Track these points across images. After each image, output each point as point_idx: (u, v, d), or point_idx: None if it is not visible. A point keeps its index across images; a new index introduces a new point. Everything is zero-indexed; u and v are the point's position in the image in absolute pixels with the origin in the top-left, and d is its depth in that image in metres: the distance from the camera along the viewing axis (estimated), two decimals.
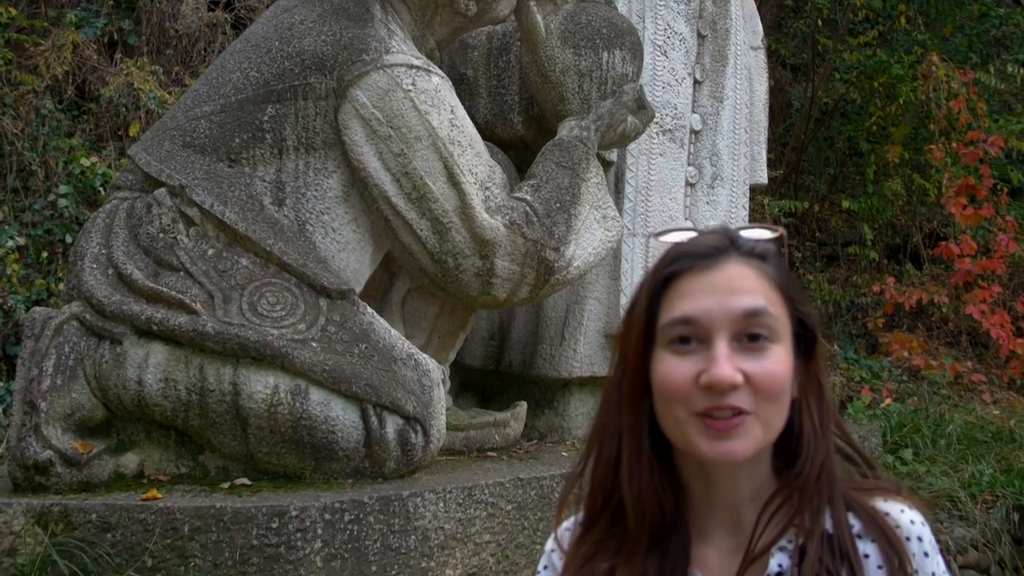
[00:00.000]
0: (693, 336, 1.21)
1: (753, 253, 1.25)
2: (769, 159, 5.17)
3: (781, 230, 1.31)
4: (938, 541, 1.27)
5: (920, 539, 1.24)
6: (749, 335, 1.20)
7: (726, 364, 1.18)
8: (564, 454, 4.11)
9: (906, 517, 1.25)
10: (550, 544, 1.38)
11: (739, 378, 1.18)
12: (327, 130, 3.62)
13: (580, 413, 4.59)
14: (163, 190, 3.57)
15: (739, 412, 1.19)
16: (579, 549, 1.30)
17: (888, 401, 6.32)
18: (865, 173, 8.55)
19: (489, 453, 4.00)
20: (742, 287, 1.22)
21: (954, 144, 7.82)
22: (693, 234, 1.29)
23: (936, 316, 7.74)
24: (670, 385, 1.21)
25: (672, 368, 1.21)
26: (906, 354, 7.17)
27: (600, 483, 1.29)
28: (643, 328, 1.25)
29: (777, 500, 1.25)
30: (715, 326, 1.20)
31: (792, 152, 9.00)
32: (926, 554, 1.23)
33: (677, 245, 1.28)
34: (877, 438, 5.08)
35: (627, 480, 1.25)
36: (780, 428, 1.24)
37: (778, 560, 1.22)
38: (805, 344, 1.28)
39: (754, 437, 1.20)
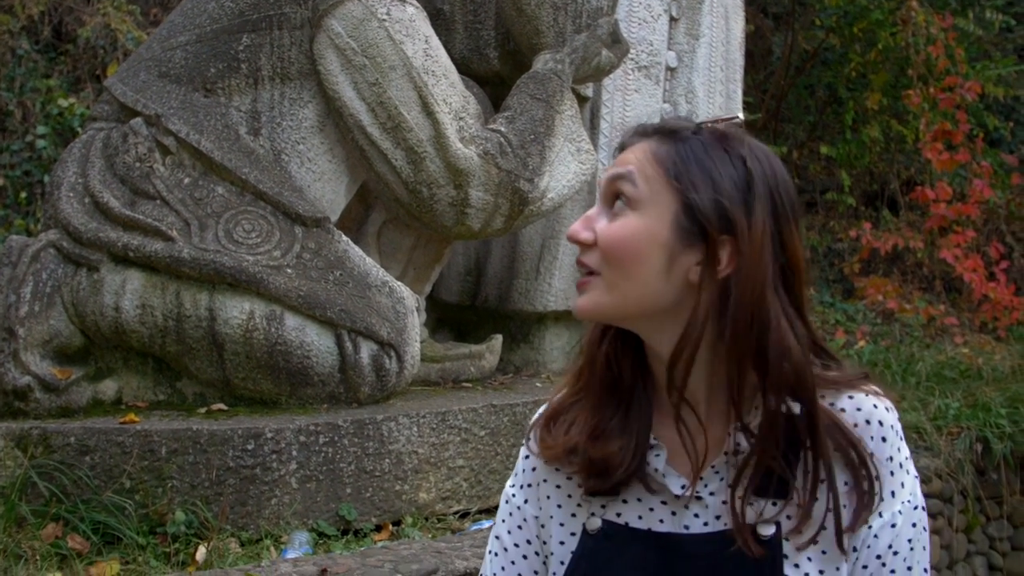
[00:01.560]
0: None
1: (663, 133, 1.27)
2: (748, 104, 5.19)
3: (739, 118, 1.32)
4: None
5: (881, 423, 1.23)
6: (612, 201, 1.26)
7: (580, 222, 1.27)
8: (539, 385, 4.17)
9: (869, 401, 1.24)
10: (543, 405, 1.41)
11: (584, 235, 1.25)
12: (302, 60, 3.64)
13: (555, 347, 4.65)
14: (139, 119, 3.59)
15: (588, 271, 1.25)
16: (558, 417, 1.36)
17: (862, 343, 6.40)
18: (844, 120, 8.58)
19: (464, 384, 4.05)
20: (627, 159, 1.26)
21: (932, 90, 7.85)
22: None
23: (911, 261, 7.81)
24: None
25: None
26: (880, 298, 7.25)
27: (588, 339, 1.35)
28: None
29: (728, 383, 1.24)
30: (601, 190, 1.29)
31: (772, 99, 9.01)
32: (884, 438, 1.22)
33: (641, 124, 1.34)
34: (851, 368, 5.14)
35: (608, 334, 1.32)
36: (638, 298, 1.22)
37: (736, 439, 1.22)
38: (704, 234, 1.23)
39: (597, 297, 1.24)
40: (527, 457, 1.41)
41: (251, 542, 3.03)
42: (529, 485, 1.39)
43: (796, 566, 1.19)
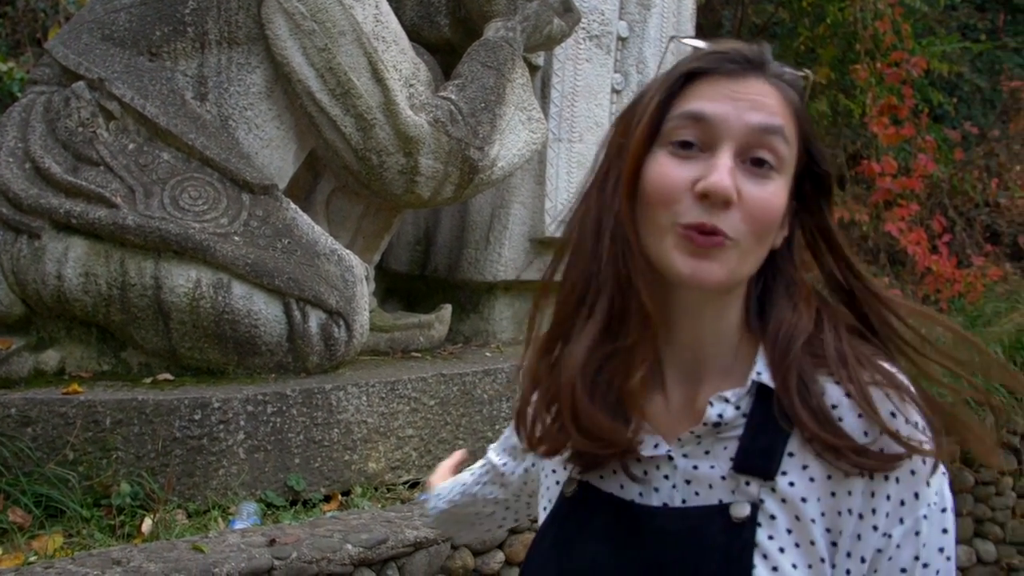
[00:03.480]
0: (698, 140, 1.09)
1: (782, 78, 1.14)
2: None
3: (809, 72, 1.21)
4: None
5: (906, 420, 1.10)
6: (754, 159, 1.09)
7: (727, 174, 1.06)
8: (488, 355, 4.17)
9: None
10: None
11: (735, 194, 1.06)
12: (250, 24, 3.57)
13: (505, 317, 4.65)
14: (82, 83, 3.51)
15: (717, 233, 1.06)
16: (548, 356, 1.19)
17: None
18: None
19: (414, 354, 4.03)
20: (764, 103, 1.10)
21: (878, 65, 7.92)
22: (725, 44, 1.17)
23: (857, 234, 7.89)
24: (662, 187, 1.08)
25: (669, 169, 1.09)
26: None
27: (577, 282, 1.16)
28: (651, 119, 1.11)
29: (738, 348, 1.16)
30: (726, 133, 1.08)
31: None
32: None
33: (709, 45, 1.15)
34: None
35: (616, 266, 1.13)
36: (754, 268, 1.12)
37: (718, 409, 1.12)
38: (814, 188, 1.16)
39: (730, 264, 1.07)
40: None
41: (198, 513, 3.00)
42: (514, 447, 1.48)
43: (765, 556, 1.07)
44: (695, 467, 1.13)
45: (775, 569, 1.06)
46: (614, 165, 1.15)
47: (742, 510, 1.08)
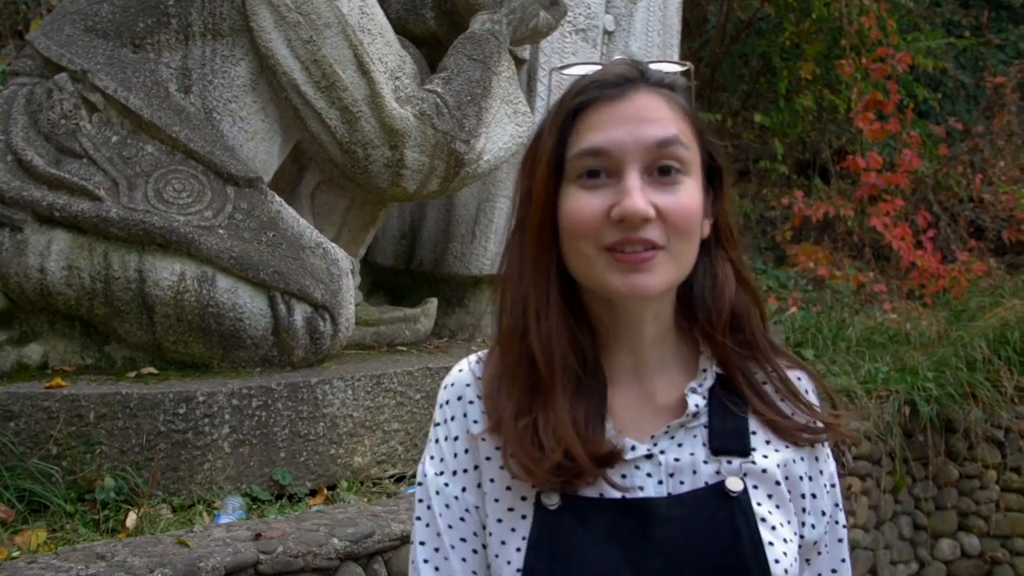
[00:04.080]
0: (603, 169, 1.15)
1: (662, 83, 1.20)
2: None
3: (689, 64, 1.27)
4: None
5: (809, 392, 1.31)
6: (660, 168, 1.15)
7: (639, 196, 1.12)
8: (474, 349, 4.16)
9: (802, 371, 1.31)
10: (463, 376, 1.29)
11: (651, 211, 1.12)
12: (234, 16, 3.55)
13: (490, 311, 4.62)
14: (64, 75, 3.48)
15: (652, 246, 1.13)
16: (497, 396, 1.23)
17: (794, 309, 6.48)
18: (777, 88, 8.64)
19: (399, 348, 4.02)
20: (653, 117, 1.16)
21: (864, 60, 7.94)
22: (598, 67, 1.23)
23: (842, 229, 7.91)
24: (579, 220, 1.15)
25: (582, 202, 1.15)
26: (812, 265, 7.36)
27: (509, 332, 1.23)
28: (550, 162, 1.17)
29: (678, 342, 1.26)
30: (626, 158, 1.14)
31: (707, 67, 9.03)
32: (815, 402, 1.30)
33: (584, 76, 1.21)
34: (780, 337, 5.22)
35: (534, 324, 1.19)
36: (691, 266, 1.20)
37: (694, 401, 1.21)
38: (714, 180, 1.24)
39: (666, 272, 1.15)
40: (456, 439, 1.25)
41: (183, 508, 2.98)
42: (465, 471, 1.24)
43: (763, 520, 1.19)
44: (676, 459, 1.19)
45: (773, 528, 1.19)
46: (525, 210, 1.23)
47: (736, 484, 1.19)
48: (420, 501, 1.27)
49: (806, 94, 8.45)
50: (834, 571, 1.29)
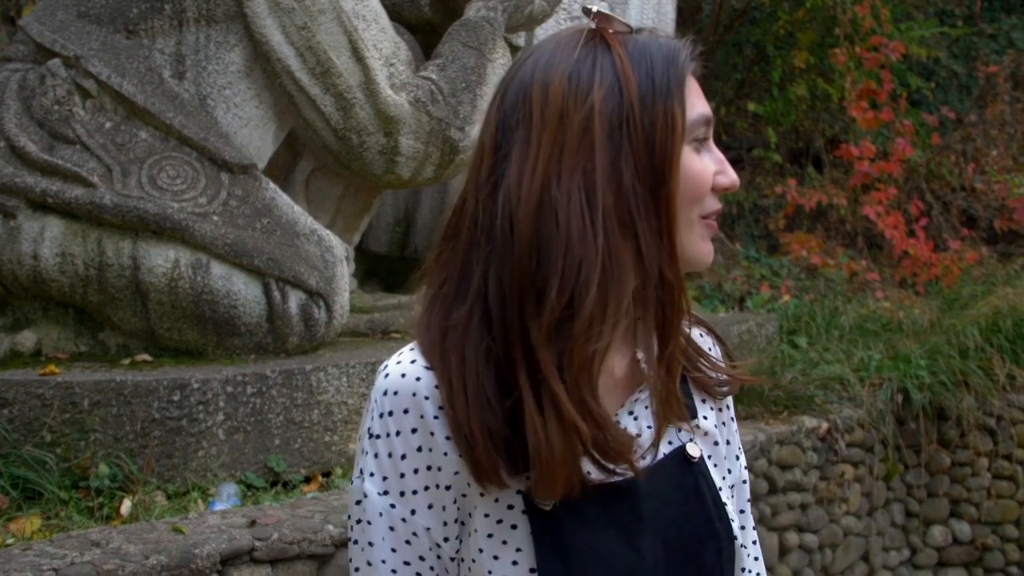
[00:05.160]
0: (705, 137, 1.17)
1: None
2: None
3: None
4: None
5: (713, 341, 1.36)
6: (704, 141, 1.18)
7: (727, 167, 1.18)
8: None
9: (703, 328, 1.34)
10: (412, 384, 1.12)
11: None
12: (228, 2, 3.53)
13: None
14: (57, 61, 3.46)
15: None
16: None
17: (787, 297, 6.50)
18: (771, 77, 8.65)
19: (394, 335, 4.02)
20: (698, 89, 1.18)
21: (857, 49, 7.95)
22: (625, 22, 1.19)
23: (835, 217, 7.93)
24: (703, 184, 1.15)
25: (703, 167, 1.15)
26: (805, 253, 7.37)
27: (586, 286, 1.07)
28: (682, 128, 1.12)
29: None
30: (697, 130, 1.16)
31: (700, 56, 9.03)
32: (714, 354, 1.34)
33: (661, 37, 1.18)
34: (773, 326, 5.24)
35: (617, 309, 1.09)
36: None
37: (646, 369, 1.19)
38: None
39: None
40: (403, 456, 1.12)
41: (178, 495, 2.98)
42: (415, 492, 1.12)
43: (714, 480, 1.23)
44: (638, 434, 1.16)
45: (720, 489, 1.23)
46: (626, 157, 1.10)
47: (695, 450, 1.22)
48: (358, 522, 1.15)
49: (800, 83, 8.46)
50: (742, 511, 1.33)
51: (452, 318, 1.11)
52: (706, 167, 1.15)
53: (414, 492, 1.12)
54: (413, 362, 1.13)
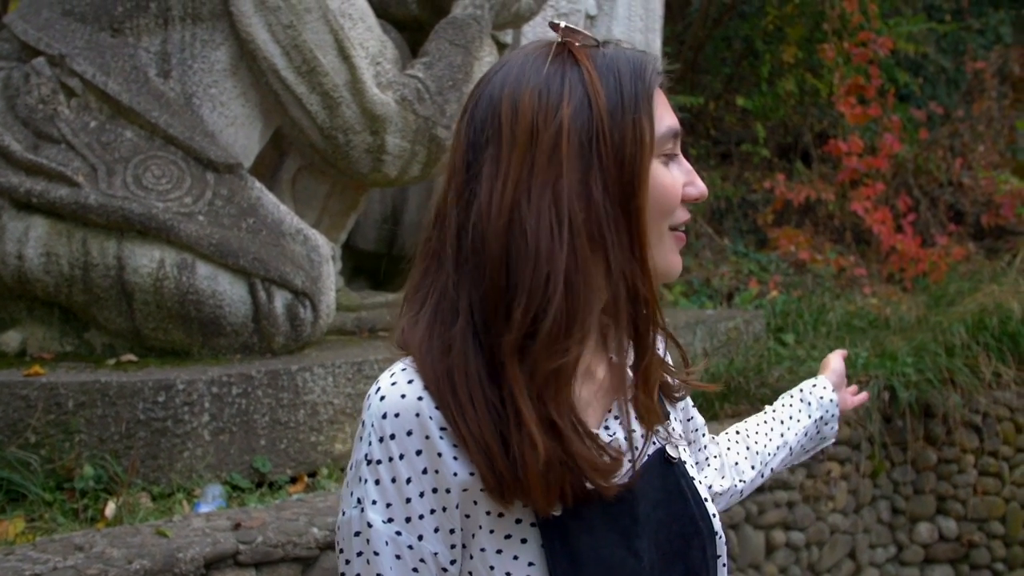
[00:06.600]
0: (673, 149, 1.18)
1: None
2: (667, 55, 5.20)
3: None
4: None
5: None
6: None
7: (695, 177, 1.19)
8: None
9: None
10: (414, 405, 1.09)
11: None
12: (214, 0, 3.51)
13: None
14: (42, 59, 3.44)
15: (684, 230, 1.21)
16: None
17: (774, 293, 6.50)
18: (760, 72, 8.65)
19: (381, 333, 4.01)
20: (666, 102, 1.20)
21: (845, 44, 7.96)
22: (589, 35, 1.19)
23: (823, 213, 7.94)
24: (673, 197, 1.15)
25: (672, 180, 1.16)
26: (793, 248, 7.38)
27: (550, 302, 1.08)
28: (651, 142, 1.13)
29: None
30: (669, 141, 1.17)
31: (690, 50, 9.03)
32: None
33: (628, 51, 1.18)
34: (760, 323, 5.24)
35: (588, 317, 1.10)
36: None
37: (630, 374, 1.21)
38: None
39: None
40: (408, 480, 1.09)
41: (163, 496, 2.97)
42: (421, 516, 1.09)
43: (693, 478, 1.25)
44: (625, 437, 1.18)
45: (699, 481, 1.26)
46: (596, 173, 1.11)
47: (674, 450, 1.24)
48: (359, 554, 1.10)
49: (788, 78, 8.47)
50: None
51: (448, 336, 1.10)
52: (675, 179, 1.16)
53: (420, 516, 1.09)
54: (410, 382, 1.10)
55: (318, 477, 3.27)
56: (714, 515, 1.24)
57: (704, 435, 1.51)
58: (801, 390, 1.68)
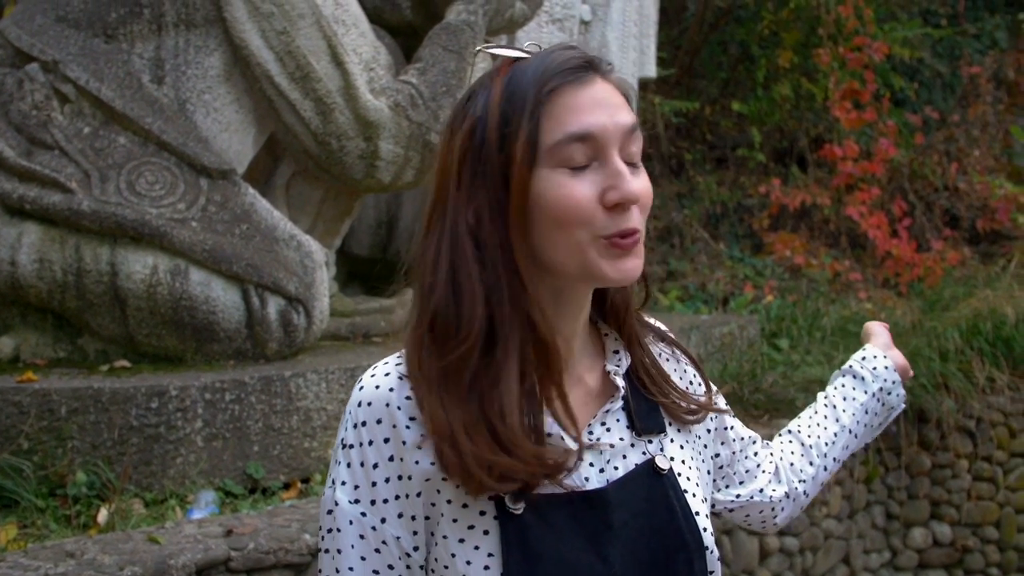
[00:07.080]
0: (588, 154, 1.12)
1: (612, 72, 1.20)
2: (662, 60, 5.21)
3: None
4: None
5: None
6: (628, 155, 1.15)
7: (631, 179, 1.12)
8: None
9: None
10: (386, 395, 1.15)
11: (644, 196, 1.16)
12: (207, 6, 3.52)
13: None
14: (35, 65, 3.45)
15: (636, 230, 1.14)
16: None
17: (770, 297, 6.51)
18: (755, 77, 8.66)
19: (375, 339, 4.01)
20: (620, 103, 1.15)
21: (841, 49, 7.97)
22: (532, 50, 1.18)
23: (818, 217, 7.94)
24: (576, 208, 1.11)
25: (574, 190, 1.11)
26: (788, 253, 7.38)
27: (455, 331, 1.13)
28: (529, 147, 1.11)
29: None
30: (609, 141, 1.12)
31: (685, 55, 9.04)
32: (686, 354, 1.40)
33: (547, 58, 1.15)
34: (755, 328, 5.25)
35: (509, 321, 1.12)
36: None
37: (621, 382, 1.23)
38: None
39: (641, 253, 1.16)
40: (376, 466, 1.14)
41: (156, 502, 2.97)
42: (386, 500, 1.14)
43: (686, 492, 1.24)
44: (611, 445, 1.21)
45: (694, 496, 1.25)
46: (480, 197, 1.14)
47: (664, 462, 1.23)
48: (329, 531, 1.16)
49: (784, 82, 8.47)
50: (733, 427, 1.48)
51: (421, 331, 1.16)
52: (579, 189, 1.12)
53: (384, 501, 1.14)
54: (387, 374, 1.16)
55: (311, 483, 3.27)
56: (704, 529, 1.22)
57: (754, 442, 1.51)
58: (851, 366, 1.61)
